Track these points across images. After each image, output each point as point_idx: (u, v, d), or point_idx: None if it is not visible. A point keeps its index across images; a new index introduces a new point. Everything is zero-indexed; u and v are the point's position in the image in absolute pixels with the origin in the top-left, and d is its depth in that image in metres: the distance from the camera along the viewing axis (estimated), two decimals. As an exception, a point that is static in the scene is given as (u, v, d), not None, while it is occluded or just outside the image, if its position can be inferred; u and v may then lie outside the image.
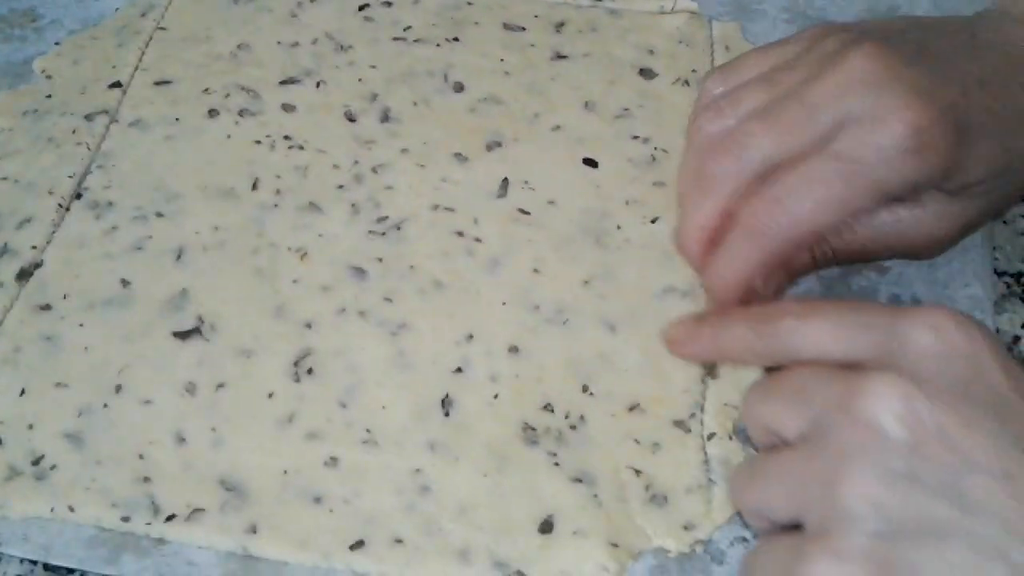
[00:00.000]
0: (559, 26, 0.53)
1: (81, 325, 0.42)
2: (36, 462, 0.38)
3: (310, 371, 0.41)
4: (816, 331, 0.31)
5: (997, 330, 0.42)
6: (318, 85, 0.50)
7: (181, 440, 0.39)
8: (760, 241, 0.35)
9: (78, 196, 0.46)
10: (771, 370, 0.33)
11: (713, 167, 0.36)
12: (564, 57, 0.51)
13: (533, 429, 0.39)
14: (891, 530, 0.27)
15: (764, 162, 0.35)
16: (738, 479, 0.32)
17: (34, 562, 0.37)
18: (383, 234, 0.45)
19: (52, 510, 0.37)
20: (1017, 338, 0.43)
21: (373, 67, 0.51)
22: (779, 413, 0.30)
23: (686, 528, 0.37)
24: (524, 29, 0.53)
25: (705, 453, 0.39)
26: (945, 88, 0.35)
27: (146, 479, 0.38)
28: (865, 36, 0.36)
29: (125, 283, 0.43)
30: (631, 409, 0.40)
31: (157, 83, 0.50)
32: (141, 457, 0.38)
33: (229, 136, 0.48)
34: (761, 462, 0.31)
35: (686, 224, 0.37)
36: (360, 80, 0.50)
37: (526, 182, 0.46)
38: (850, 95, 0.34)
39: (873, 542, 0.27)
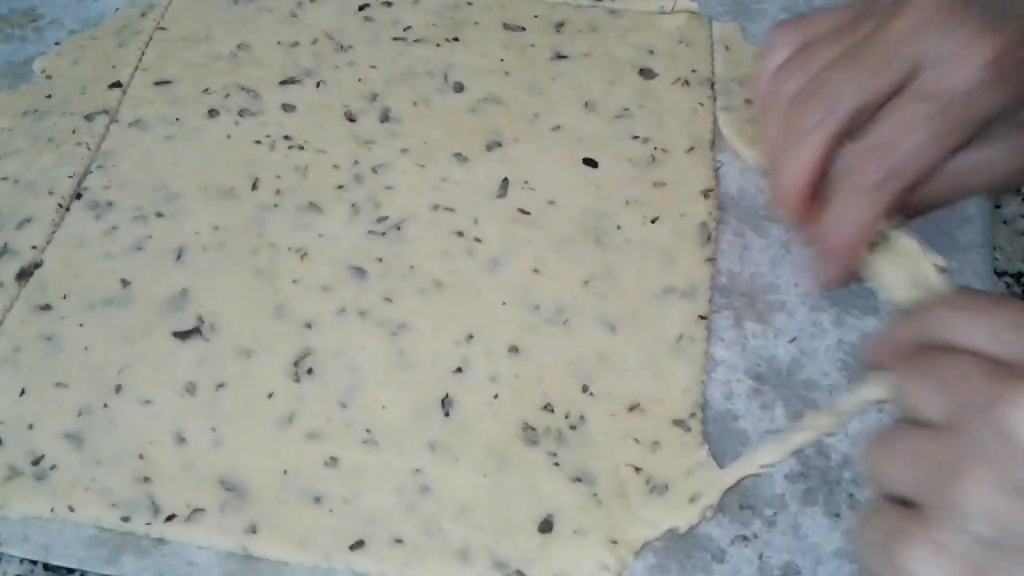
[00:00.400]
0: (559, 26, 0.53)
1: (81, 325, 0.42)
2: (36, 462, 0.38)
3: (310, 371, 0.41)
4: (969, 324, 0.30)
5: (997, 330, 0.42)
6: (318, 85, 0.50)
7: (181, 440, 0.39)
8: (873, 195, 0.36)
9: (78, 196, 0.46)
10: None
11: (804, 119, 0.37)
12: (564, 57, 0.51)
13: (533, 429, 0.39)
14: (996, 539, 0.27)
15: (853, 109, 0.36)
16: (873, 445, 0.31)
17: (34, 562, 0.37)
18: (383, 234, 0.45)
19: (52, 510, 0.37)
20: (1017, 338, 0.42)
21: (373, 67, 0.51)
22: (926, 393, 0.30)
23: (692, 500, 0.37)
24: (524, 29, 0.53)
25: (705, 451, 0.39)
26: (1011, 21, 0.35)
27: (146, 479, 0.38)
28: None
29: (125, 283, 0.43)
30: (631, 409, 0.40)
31: (157, 83, 0.50)
32: (141, 457, 0.38)
33: (229, 136, 0.48)
34: (897, 434, 0.30)
35: (785, 179, 0.39)
36: (360, 80, 0.50)
37: (526, 182, 0.46)
38: (923, 34, 0.35)
39: (976, 545, 0.27)
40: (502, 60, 0.51)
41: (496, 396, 0.40)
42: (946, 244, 0.43)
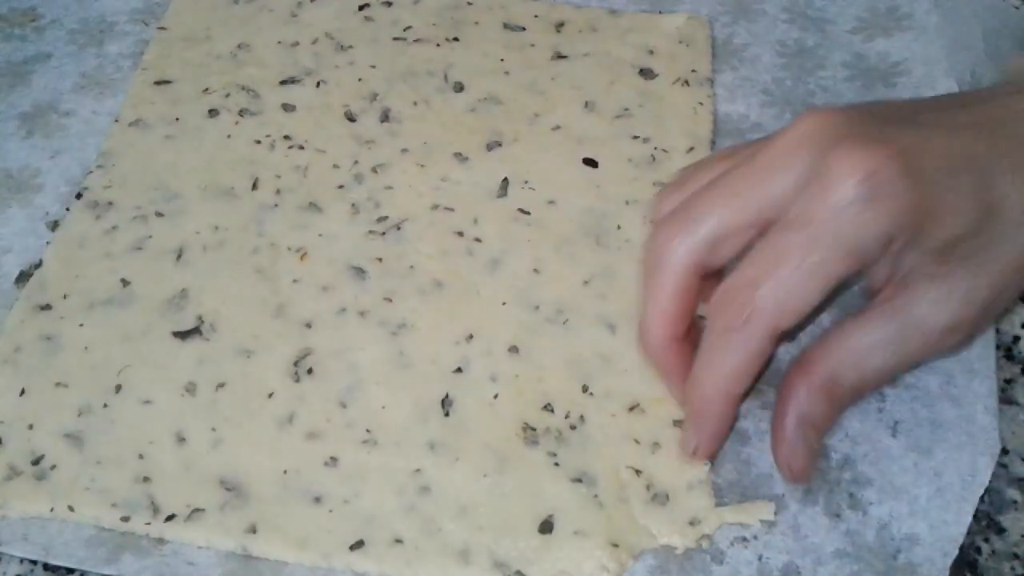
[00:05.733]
0: (559, 26, 0.53)
1: (81, 325, 0.42)
2: (36, 462, 0.38)
3: (310, 371, 0.41)
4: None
5: (997, 330, 0.42)
6: (318, 85, 0.50)
7: (181, 440, 0.39)
8: (739, 336, 0.33)
9: (78, 196, 0.46)
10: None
11: (665, 245, 0.34)
12: (564, 57, 0.51)
13: (533, 429, 0.39)
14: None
15: (713, 233, 0.33)
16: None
17: (34, 562, 0.37)
18: (383, 234, 0.45)
19: (52, 510, 0.37)
20: (1017, 338, 0.43)
21: (373, 67, 0.51)
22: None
23: (692, 524, 0.37)
24: (524, 29, 0.53)
25: (707, 467, 0.39)
26: (897, 134, 0.32)
27: (146, 479, 0.38)
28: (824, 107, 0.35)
29: (125, 283, 0.43)
30: (631, 409, 0.40)
31: (157, 83, 0.50)
32: (141, 457, 0.38)
33: (229, 136, 0.48)
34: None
35: (645, 317, 0.35)
36: (360, 80, 0.50)
37: (526, 182, 0.46)
38: (795, 157, 0.33)
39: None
40: (502, 60, 0.51)
41: (496, 396, 0.40)
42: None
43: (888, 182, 0.31)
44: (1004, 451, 0.39)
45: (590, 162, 0.47)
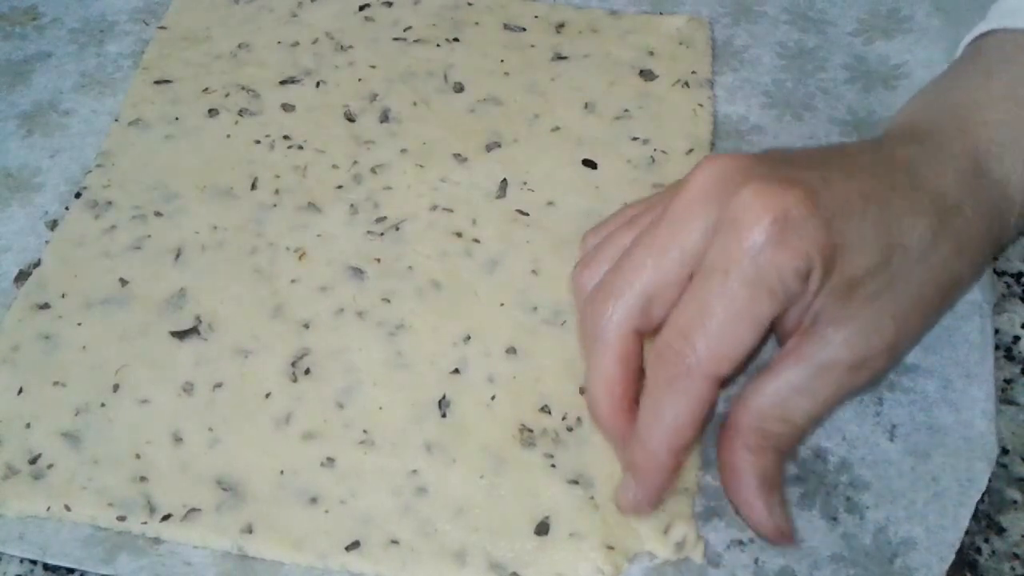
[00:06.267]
0: (559, 27, 0.53)
1: (79, 324, 0.42)
2: (33, 461, 0.38)
3: (307, 371, 0.41)
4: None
5: (997, 331, 0.42)
6: (318, 85, 0.50)
7: (178, 440, 0.39)
8: (681, 385, 0.33)
9: (77, 195, 0.46)
10: None
11: (599, 317, 0.34)
12: (564, 58, 0.51)
13: (530, 431, 0.39)
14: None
15: (642, 295, 0.34)
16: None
17: (34, 562, 0.37)
18: (382, 234, 0.45)
19: (49, 509, 0.37)
20: (1017, 338, 0.42)
21: (373, 67, 0.51)
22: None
23: (678, 546, 0.36)
24: (524, 29, 0.53)
25: (700, 457, 0.39)
26: (800, 175, 0.33)
27: (143, 479, 0.38)
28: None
29: (123, 282, 0.43)
30: (628, 411, 0.40)
31: (157, 83, 0.50)
32: (138, 456, 0.38)
33: (229, 136, 0.48)
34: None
35: (591, 389, 0.35)
36: (360, 80, 0.50)
37: (525, 183, 0.46)
38: (704, 203, 0.33)
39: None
40: (502, 60, 0.51)
41: (493, 397, 0.40)
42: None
43: (799, 220, 0.32)
44: (1004, 451, 0.39)
45: (589, 163, 0.47)
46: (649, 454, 0.34)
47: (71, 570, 0.37)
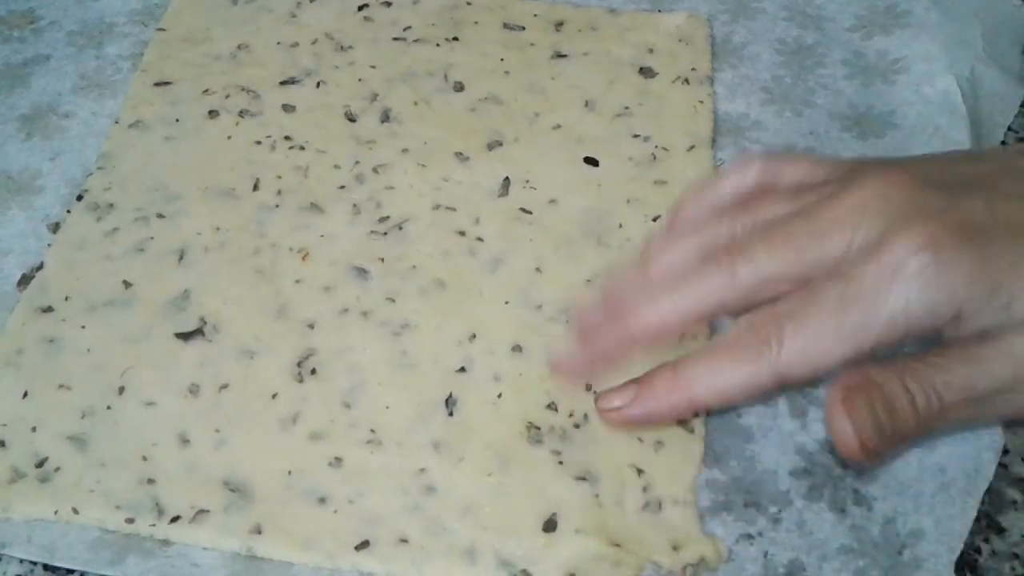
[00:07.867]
0: (559, 25, 0.53)
1: (83, 327, 0.42)
2: (39, 464, 0.38)
3: (313, 371, 0.41)
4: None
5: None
6: (318, 85, 0.50)
7: (185, 441, 0.39)
8: (746, 361, 0.32)
9: (79, 197, 0.46)
10: None
11: (702, 275, 0.34)
12: (564, 56, 0.51)
13: (537, 428, 0.39)
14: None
15: (766, 276, 0.33)
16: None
17: (34, 562, 0.37)
18: (385, 234, 0.45)
19: (56, 512, 0.37)
20: (1019, 334, 0.43)
21: (373, 67, 0.51)
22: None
23: (674, 548, 0.36)
24: (524, 28, 0.53)
25: (705, 450, 0.39)
26: (965, 202, 0.32)
27: (150, 481, 0.38)
28: (892, 164, 0.34)
29: (127, 284, 0.43)
30: (635, 407, 0.40)
31: (157, 84, 0.50)
32: (145, 459, 0.38)
33: (229, 137, 0.48)
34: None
35: (652, 308, 0.34)
36: (360, 80, 0.50)
37: (527, 181, 0.46)
38: (860, 219, 0.32)
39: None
40: (502, 60, 0.51)
41: (499, 395, 0.40)
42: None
43: (947, 256, 0.30)
44: (1004, 451, 0.39)
45: (591, 161, 0.47)
46: (673, 392, 0.34)
47: (71, 571, 0.37)
